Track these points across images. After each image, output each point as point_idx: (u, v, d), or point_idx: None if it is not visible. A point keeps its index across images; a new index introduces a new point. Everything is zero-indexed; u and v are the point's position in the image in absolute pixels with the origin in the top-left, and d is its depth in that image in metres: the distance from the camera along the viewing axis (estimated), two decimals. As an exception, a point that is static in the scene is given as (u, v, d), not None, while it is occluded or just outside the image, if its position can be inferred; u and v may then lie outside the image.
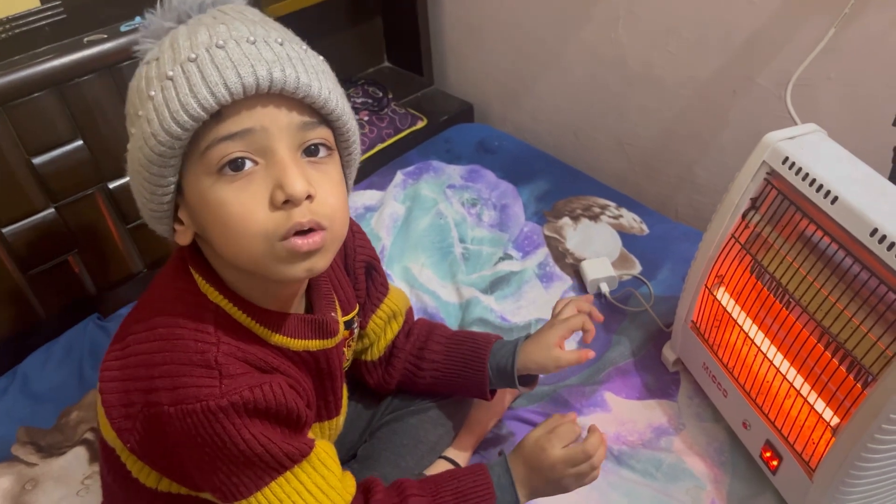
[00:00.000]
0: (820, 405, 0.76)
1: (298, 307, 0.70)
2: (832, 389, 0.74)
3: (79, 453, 0.98)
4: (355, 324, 0.83)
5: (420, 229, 1.30)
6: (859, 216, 0.70)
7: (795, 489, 0.81)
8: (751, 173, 0.83)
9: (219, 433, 0.57)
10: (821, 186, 0.74)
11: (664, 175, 1.44)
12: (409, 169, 1.46)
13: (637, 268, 1.22)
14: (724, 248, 0.88)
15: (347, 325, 0.79)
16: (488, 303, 1.16)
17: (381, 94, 1.64)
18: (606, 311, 1.14)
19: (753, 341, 0.85)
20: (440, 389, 0.90)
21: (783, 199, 0.80)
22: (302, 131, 0.57)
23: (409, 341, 0.90)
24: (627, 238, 1.27)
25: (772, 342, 0.83)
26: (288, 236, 0.56)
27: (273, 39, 0.56)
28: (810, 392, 0.77)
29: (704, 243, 0.90)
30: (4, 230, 1.05)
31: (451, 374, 0.88)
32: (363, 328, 0.86)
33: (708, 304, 0.92)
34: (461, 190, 1.41)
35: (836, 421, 0.74)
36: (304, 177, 0.56)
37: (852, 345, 0.71)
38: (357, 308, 0.82)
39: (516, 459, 0.75)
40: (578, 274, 1.21)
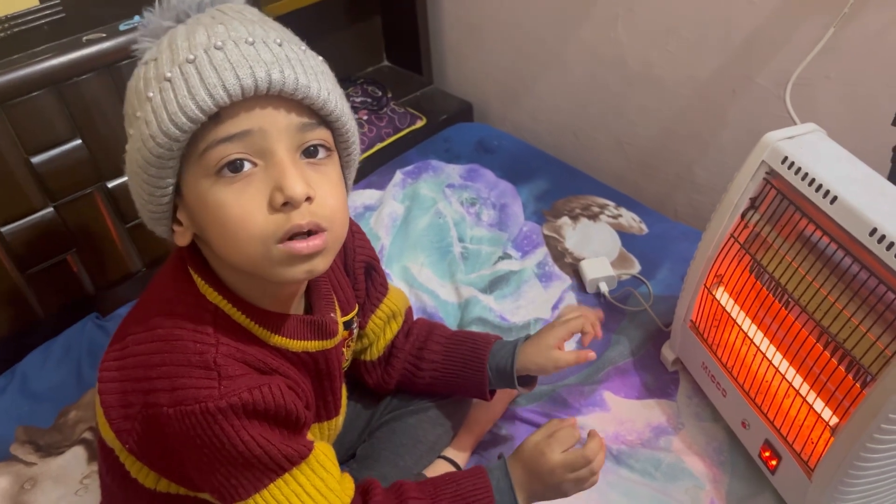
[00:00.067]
0: (819, 405, 0.76)
1: (298, 308, 0.70)
2: (831, 389, 0.74)
3: (77, 453, 0.98)
4: (354, 324, 0.83)
5: (419, 229, 1.30)
6: (858, 216, 0.70)
7: (794, 489, 0.81)
8: (750, 173, 0.83)
9: (217, 434, 0.57)
10: (820, 186, 0.74)
11: (663, 174, 1.44)
12: (409, 168, 1.46)
13: (636, 267, 1.22)
14: (724, 248, 0.88)
15: (347, 326, 0.79)
16: (487, 302, 1.16)
17: (381, 94, 1.64)
18: (606, 311, 1.14)
19: (752, 341, 0.85)
20: (439, 389, 0.90)
21: (782, 199, 0.80)
22: (301, 132, 0.57)
23: (409, 341, 0.90)
24: (626, 237, 1.27)
25: (771, 342, 0.83)
26: (286, 238, 0.56)
27: (272, 40, 0.55)
28: (809, 392, 0.77)
29: (703, 243, 0.90)
30: (3, 229, 1.05)
31: (451, 375, 0.88)
32: (362, 328, 0.85)
33: (707, 304, 0.92)
34: (460, 189, 1.41)
35: (835, 421, 0.74)
36: (304, 178, 0.56)
37: (851, 344, 0.71)
38: (356, 308, 0.82)
39: (515, 463, 0.75)
40: (577, 273, 1.21)
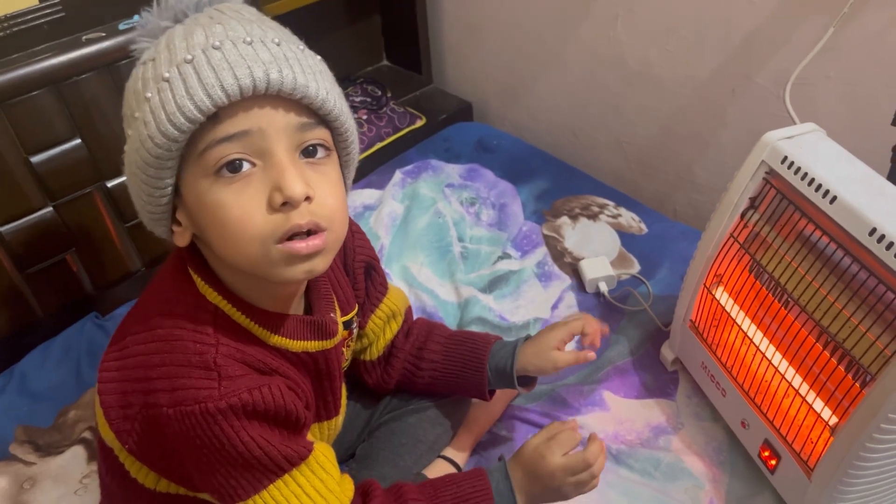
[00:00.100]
0: (818, 404, 0.76)
1: (297, 308, 0.69)
2: (831, 389, 0.74)
3: (77, 452, 0.98)
4: (354, 324, 0.83)
5: (419, 228, 1.30)
6: (858, 216, 0.70)
7: (794, 488, 0.81)
8: (749, 172, 0.83)
9: (217, 435, 0.57)
10: (820, 186, 0.74)
11: (663, 174, 1.44)
12: (408, 168, 1.46)
13: (636, 267, 1.22)
14: (723, 248, 0.88)
15: (346, 326, 0.79)
16: (487, 302, 1.16)
17: (380, 93, 1.63)
18: (605, 311, 1.15)
19: (752, 341, 0.85)
20: (439, 389, 0.90)
21: (782, 199, 0.80)
22: (300, 132, 0.56)
23: (409, 341, 0.90)
24: (626, 237, 1.27)
25: (770, 341, 0.83)
26: (285, 239, 0.56)
27: (270, 39, 0.55)
28: (809, 391, 0.77)
29: (703, 242, 0.90)
30: (2, 229, 1.04)
31: (450, 375, 0.88)
32: (362, 328, 0.85)
33: (706, 304, 0.92)
34: (460, 189, 1.41)
35: (835, 420, 0.74)
36: (303, 178, 0.55)
37: (851, 344, 0.71)
38: (356, 308, 0.82)
39: (515, 466, 0.75)
40: (577, 273, 1.21)
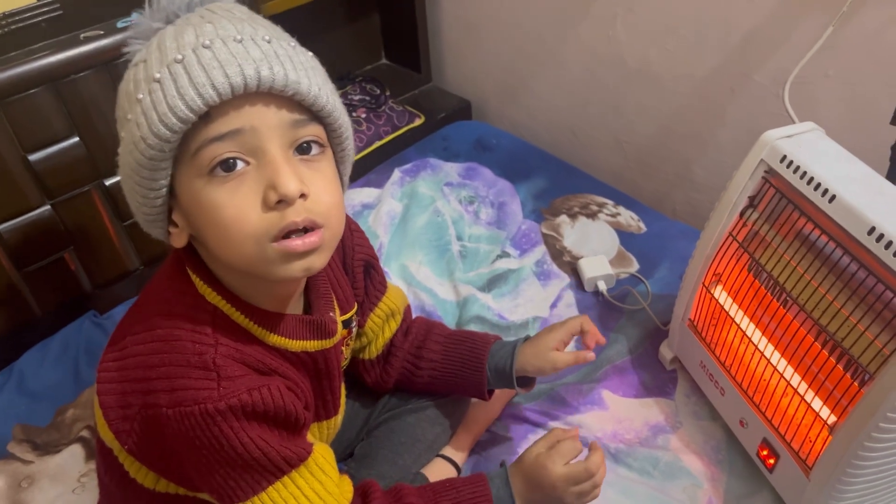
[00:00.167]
0: (817, 403, 0.76)
1: (297, 307, 0.69)
2: (829, 388, 0.74)
3: (75, 451, 0.98)
4: (353, 323, 0.83)
5: (417, 227, 1.30)
6: (857, 215, 0.70)
7: (792, 487, 0.81)
8: (748, 171, 0.83)
9: (216, 436, 0.57)
10: (819, 185, 0.74)
11: (661, 173, 1.44)
12: (407, 166, 1.45)
13: (634, 266, 1.22)
14: (722, 247, 0.88)
15: (346, 324, 0.79)
16: (486, 301, 1.16)
17: (379, 92, 1.63)
18: (604, 310, 1.15)
19: (751, 340, 0.85)
20: (438, 388, 0.90)
21: (781, 198, 0.80)
22: (293, 129, 0.56)
23: (408, 340, 0.89)
24: (625, 236, 1.27)
25: (769, 340, 0.83)
26: (281, 237, 0.56)
27: (260, 37, 0.55)
28: (807, 390, 0.77)
29: (702, 241, 0.90)
30: (0, 227, 1.04)
31: (449, 374, 0.88)
32: (361, 327, 0.85)
33: (705, 303, 0.92)
34: (459, 187, 1.41)
35: (834, 419, 0.74)
36: (297, 175, 0.55)
37: (850, 343, 0.71)
38: (355, 307, 0.82)
39: (516, 473, 0.75)
40: (576, 272, 1.21)
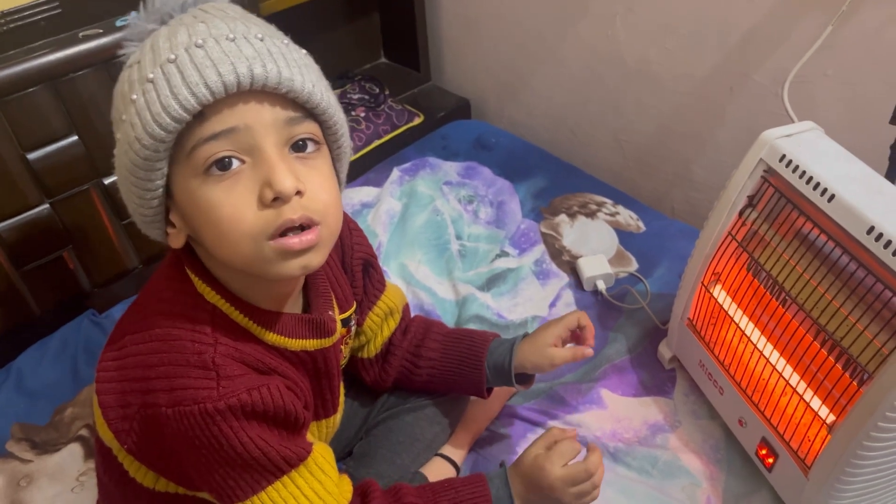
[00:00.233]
0: (816, 403, 0.76)
1: (296, 306, 0.69)
2: (828, 387, 0.74)
3: (73, 450, 0.98)
4: (352, 321, 0.83)
5: (416, 226, 1.30)
6: (856, 214, 0.70)
7: (791, 487, 0.81)
8: (748, 171, 0.83)
9: (216, 435, 0.57)
10: (818, 184, 0.74)
11: (660, 172, 1.44)
12: (406, 165, 1.45)
13: (633, 265, 1.22)
14: (721, 246, 0.88)
15: (345, 323, 0.79)
16: (485, 300, 1.16)
17: (378, 91, 1.63)
18: (603, 309, 1.15)
19: (750, 339, 0.85)
20: (437, 387, 0.90)
21: (780, 197, 0.80)
22: (288, 127, 0.56)
23: (406, 338, 0.89)
24: (624, 235, 1.27)
25: (768, 340, 0.83)
26: (278, 235, 0.56)
27: (253, 35, 0.55)
28: (806, 390, 0.77)
29: (701, 241, 0.90)
30: (-1, 226, 1.04)
31: (448, 372, 0.88)
32: (360, 325, 0.85)
33: (704, 302, 0.92)
34: (458, 187, 1.41)
35: (832, 418, 0.74)
36: (293, 173, 0.55)
37: (849, 342, 0.71)
38: (354, 305, 0.82)
39: (515, 474, 0.75)
40: (575, 271, 1.21)
